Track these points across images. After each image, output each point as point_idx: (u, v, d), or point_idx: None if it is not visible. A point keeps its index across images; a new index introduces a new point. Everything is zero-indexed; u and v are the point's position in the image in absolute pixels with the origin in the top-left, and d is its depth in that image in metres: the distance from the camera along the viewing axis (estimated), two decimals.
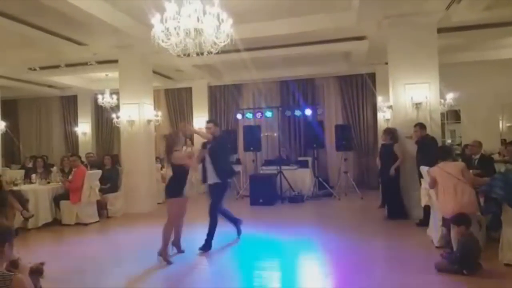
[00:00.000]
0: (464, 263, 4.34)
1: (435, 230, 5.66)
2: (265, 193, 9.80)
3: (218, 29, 4.75)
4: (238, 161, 12.98)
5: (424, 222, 6.44)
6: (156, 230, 5.44)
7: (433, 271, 4.50)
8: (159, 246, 5.29)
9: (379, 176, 9.50)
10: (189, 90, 14.15)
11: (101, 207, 8.57)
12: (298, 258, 5.48)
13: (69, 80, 13.25)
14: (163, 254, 5.25)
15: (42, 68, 11.35)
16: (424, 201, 6.00)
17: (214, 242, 5.80)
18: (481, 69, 11.19)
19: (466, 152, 8.17)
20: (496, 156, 9.02)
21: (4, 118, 11.64)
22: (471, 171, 5.97)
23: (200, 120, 13.66)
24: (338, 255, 5.46)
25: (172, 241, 5.49)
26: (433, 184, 5.22)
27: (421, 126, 7.15)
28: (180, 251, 5.64)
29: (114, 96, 11.79)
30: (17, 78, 12.37)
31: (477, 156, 7.09)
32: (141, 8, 6.67)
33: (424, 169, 5.91)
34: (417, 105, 7.53)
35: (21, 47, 9.42)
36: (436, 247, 5.43)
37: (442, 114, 9.59)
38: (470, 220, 4.60)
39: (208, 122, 6.48)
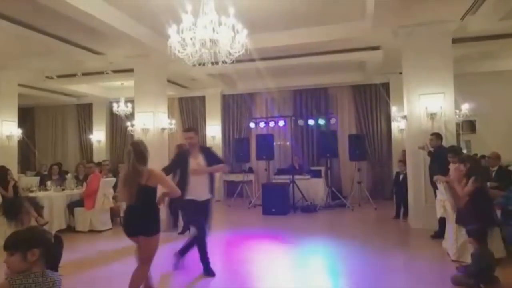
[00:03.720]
0: (481, 277, 4.25)
1: (450, 243, 5.57)
2: (278, 202, 9.78)
3: (233, 39, 4.80)
4: (250, 170, 13.00)
5: (439, 234, 6.36)
6: (170, 238, 5.43)
7: (449, 285, 4.42)
8: (171, 254, 5.24)
9: (393, 186, 9.48)
10: (202, 99, 14.24)
11: (115, 214, 8.63)
12: (311, 269, 5.43)
13: (85, 88, 13.47)
14: None
15: (59, 76, 11.57)
16: (439, 213, 5.92)
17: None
18: (497, 79, 11.07)
19: (482, 163, 8.06)
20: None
21: (21, 125, 11.86)
22: (488, 183, 5.90)
23: (213, 129, 13.76)
24: (352, 267, 5.40)
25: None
26: None
27: (437, 135, 7.07)
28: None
29: (129, 105, 11.93)
30: (35, 86, 12.62)
31: (495, 168, 6.99)
32: (158, 19, 6.77)
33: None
34: (432, 115, 7.47)
35: (39, 56, 9.61)
36: (452, 260, 5.34)
37: (457, 124, 9.48)
38: (478, 233, 4.51)
39: (187, 130, 5.25)
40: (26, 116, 15.57)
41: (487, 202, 4.99)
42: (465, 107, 10.16)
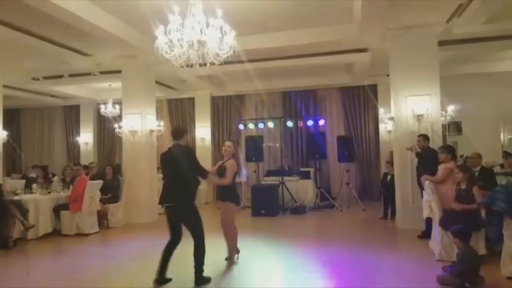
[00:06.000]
0: (466, 276, 4.30)
1: (436, 243, 5.63)
2: (267, 204, 9.77)
3: (221, 41, 4.80)
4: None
5: (426, 235, 6.42)
6: (157, 241, 5.38)
7: (435, 284, 4.46)
8: (158, 256, 5.19)
9: (381, 187, 9.55)
10: (191, 101, 14.21)
11: (102, 217, 8.54)
12: (299, 270, 5.44)
13: (72, 90, 13.31)
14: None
15: (45, 77, 11.41)
16: (425, 213, 5.97)
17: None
18: (482, 81, 11.25)
19: (468, 164, 8.15)
20: (498, 169, 8.99)
21: (6, 127, 11.68)
22: None
23: (202, 131, 13.73)
24: (339, 268, 5.43)
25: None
26: None
27: (424, 137, 7.13)
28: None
29: (117, 106, 11.84)
30: (20, 88, 12.44)
31: (477, 168, 7.06)
32: (145, 20, 6.74)
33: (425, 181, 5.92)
34: (419, 117, 7.55)
35: (25, 57, 9.49)
36: (438, 260, 5.40)
37: (443, 126, 9.60)
38: (463, 233, 4.58)
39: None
40: (11, 118, 15.36)
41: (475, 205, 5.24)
42: (451, 108, 10.30)
